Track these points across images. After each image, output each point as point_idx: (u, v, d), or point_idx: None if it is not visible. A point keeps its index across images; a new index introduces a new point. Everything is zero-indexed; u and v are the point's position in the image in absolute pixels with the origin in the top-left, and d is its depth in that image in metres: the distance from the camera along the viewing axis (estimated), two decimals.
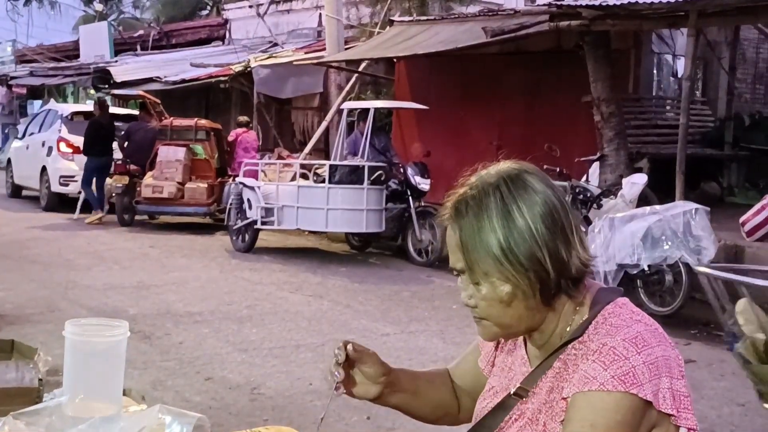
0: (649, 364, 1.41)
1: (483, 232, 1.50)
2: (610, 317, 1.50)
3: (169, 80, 19.11)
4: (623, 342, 1.43)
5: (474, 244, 1.50)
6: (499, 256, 1.49)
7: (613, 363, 1.41)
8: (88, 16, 34.24)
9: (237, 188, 11.85)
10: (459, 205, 1.54)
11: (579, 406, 1.43)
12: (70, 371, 1.56)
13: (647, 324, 1.50)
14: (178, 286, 9.14)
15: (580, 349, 1.49)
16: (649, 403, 1.41)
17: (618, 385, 1.40)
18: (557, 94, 12.32)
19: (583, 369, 1.44)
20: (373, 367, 1.67)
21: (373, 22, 16.45)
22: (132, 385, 5.39)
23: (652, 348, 1.43)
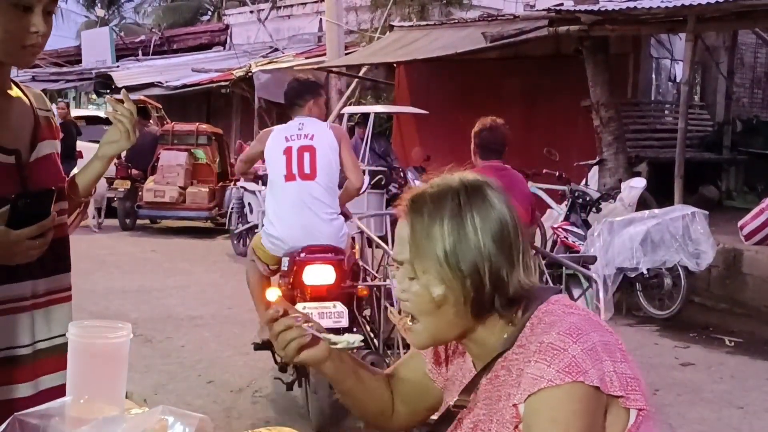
0: (588, 351, 1.43)
1: (433, 231, 1.52)
2: (544, 316, 1.52)
3: (171, 85, 19.16)
4: (558, 335, 1.45)
5: (422, 241, 1.52)
6: (442, 258, 1.51)
7: (554, 358, 1.43)
8: (90, 21, 34.30)
9: (238, 192, 11.89)
10: (417, 200, 1.56)
11: (535, 409, 1.44)
12: (73, 373, 1.60)
13: (580, 314, 1.51)
14: (180, 290, 9.18)
15: (521, 353, 1.51)
16: (597, 389, 1.42)
17: (564, 377, 1.41)
18: (556, 99, 12.36)
19: (528, 372, 1.45)
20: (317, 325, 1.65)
21: (373, 27, 16.51)
22: (134, 389, 5.45)
23: (587, 335, 1.45)
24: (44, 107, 2.15)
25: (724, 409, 5.67)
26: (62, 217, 2.07)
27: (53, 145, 2.11)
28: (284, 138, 5.22)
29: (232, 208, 11.94)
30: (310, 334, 1.62)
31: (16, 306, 1.95)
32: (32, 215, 1.87)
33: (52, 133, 2.14)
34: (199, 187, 13.93)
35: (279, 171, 5.19)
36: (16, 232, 1.85)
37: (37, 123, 2.09)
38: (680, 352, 7.20)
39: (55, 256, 2.01)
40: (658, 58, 13.64)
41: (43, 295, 2.01)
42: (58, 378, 1.96)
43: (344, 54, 15.47)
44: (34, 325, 1.98)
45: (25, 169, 2.00)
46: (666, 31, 11.10)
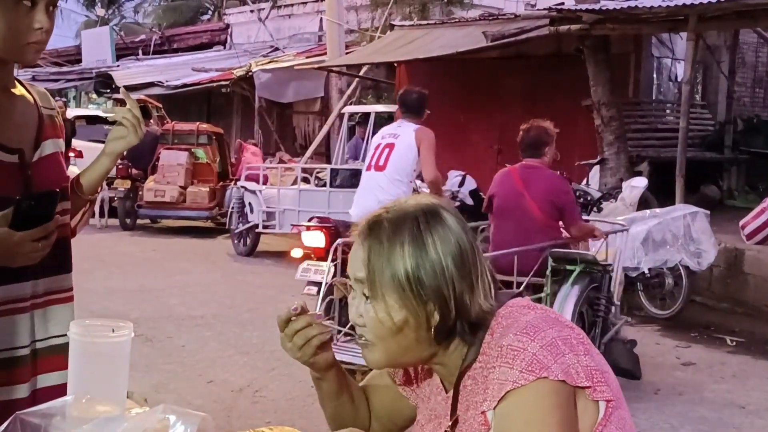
0: (547, 346, 1.41)
1: (393, 256, 1.49)
2: (502, 320, 1.51)
3: (171, 85, 19.17)
4: (515, 336, 1.44)
5: (381, 265, 1.50)
6: (404, 283, 1.48)
7: (515, 359, 1.41)
8: (90, 21, 34.31)
9: (239, 192, 11.90)
10: (374, 225, 1.53)
11: (506, 413, 1.42)
12: (74, 372, 1.59)
13: (536, 312, 1.50)
14: (180, 289, 9.18)
15: (484, 360, 1.49)
16: (563, 383, 1.41)
17: (528, 376, 1.39)
18: (557, 98, 12.34)
19: (493, 378, 1.44)
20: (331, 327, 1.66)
21: (374, 26, 16.51)
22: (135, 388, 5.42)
23: (544, 331, 1.43)
24: (49, 105, 2.14)
25: (726, 409, 5.66)
26: (65, 217, 2.06)
27: (57, 144, 2.10)
28: (381, 135, 6.36)
29: (232, 207, 11.94)
30: (330, 332, 1.62)
31: (15, 307, 1.94)
32: (35, 217, 1.87)
33: (57, 131, 2.13)
34: (200, 186, 13.94)
35: (366, 162, 6.30)
36: (20, 234, 1.85)
37: (41, 122, 2.07)
38: (681, 352, 7.19)
39: (56, 257, 2.00)
40: (660, 57, 13.64)
41: (42, 295, 2.01)
42: (56, 377, 1.96)
43: (345, 53, 15.47)
44: (33, 326, 1.97)
45: (29, 168, 1.99)
46: (667, 30, 11.10)
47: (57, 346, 1.96)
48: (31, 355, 1.97)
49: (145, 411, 1.54)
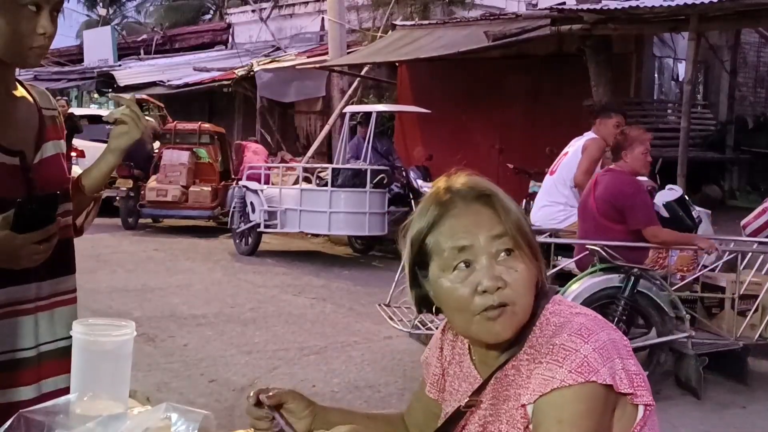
0: (599, 350, 1.43)
1: (512, 205, 1.52)
2: (551, 317, 1.51)
3: (173, 84, 19.19)
4: (569, 336, 1.44)
5: (511, 213, 1.50)
6: (527, 230, 1.51)
7: (566, 359, 1.42)
8: (92, 20, 34.34)
9: (240, 192, 11.91)
10: (474, 187, 1.53)
11: (543, 409, 1.43)
12: (77, 370, 1.60)
13: (587, 314, 1.51)
14: (182, 288, 9.19)
15: (531, 353, 1.49)
16: (609, 387, 1.42)
17: (577, 377, 1.40)
18: (559, 98, 12.36)
19: (539, 373, 1.45)
20: (294, 403, 1.67)
21: (375, 26, 16.52)
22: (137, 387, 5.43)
23: (597, 334, 1.45)
24: (49, 106, 2.14)
25: (727, 409, 5.66)
26: (66, 218, 2.06)
27: (58, 146, 2.10)
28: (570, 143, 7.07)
29: (234, 207, 11.95)
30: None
31: (20, 308, 1.94)
32: (37, 219, 1.88)
33: (58, 133, 2.13)
34: (202, 186, 13.95)
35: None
36: (22, 236, 1.85)
37: (42, 123, 2.08)
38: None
39: (59, 259, 2.01)
40: (661, 57, 13.64)
41: (46, 297, 2.01)
42: (61, 381, 1.95)
43: (346, 53, 15.47)
44: (37, 328, 1.98)
45: (30, 170, 1.99)
46: (668, 30, 11.09)
47: (64, 348, 1.95)
48: (37, 358, 1.97)
49: (148, 409, 1.55)
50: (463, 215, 1.49)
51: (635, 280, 5.55)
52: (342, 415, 1.75)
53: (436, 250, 1.50)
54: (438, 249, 1.50)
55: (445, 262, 1.49)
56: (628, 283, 5.56)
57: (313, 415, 1.68)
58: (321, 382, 5.97)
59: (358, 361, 6.59)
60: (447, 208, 1.50)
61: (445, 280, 1.49)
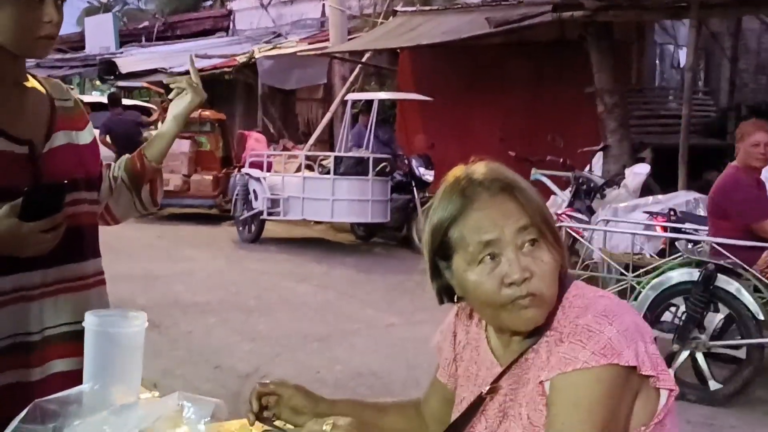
0: (623, 332, 1.43)
1: (534, 195, 1.52)
2: (574, 300, 1.51)
3: (174, 71, 19.13)
4: (594, 317, 1.45)
5: (534, 203, 1.51)
6: (550, 218, 1.52)
7: (590, 340, 1.42)
8: (92, 7, 34.27)
9: (243, 179, 11.94)
10: (498, 178, 1.52)
11: (560, 388, 1.43)
12: (90, 361, 1.64)
13: (610, 297, 1.52)
14: (186, 276, 9.24)
15: (553, 335, 1.49)
16: (632, 369, 1.42)
17: (600, 359, 1.40)
18: (561, 85, 12.35)
19: (561, 352, 1.44)
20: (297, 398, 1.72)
21: (377, 12, 16.49)
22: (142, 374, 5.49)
23: (621, 317, 1.45)
24: (64, 97, 2.16)
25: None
26: (77, 207, 2.09)
27: (71, 136, 2.11)
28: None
29: (237, 194, 11.99)
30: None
31: (26, 294, 1.97)
32: (44, 208, 1.90)
33: (74, 122, 2.14)
34: (203, 174, 13.97)
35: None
36: (29, 225, 1.88)
37: (54, 113, 2.10)
38: None
39: (67, 247, 2.03)
40: (663, 44, 13.64)
41: (51, 284, 2.04)
42: (68, 363, 1.99)
43: (347, 39, 15.45)
44: (42, 313, 2.01)
45: (39, 159, 2.01)
46: (670, 17, 11.09)
47: (68, 333, 2.00)
48: (42, 342, 2.01)
49: (160, 398, 1.59)
50: (488, 208, 1.49)
51: (711, 276, 5.35)
52: (350, 407, 1.76)
53: (461, 244, 1.50)
54: (463, 242, 1.49)
55: (471, 256, 1.49)
56: (702, 278, 5.38)
57: (316, 410, 1.70)
58: (324, 369, 6.02)
59: (361, 348, 6.64)
60: (471, 200, 1.50)
61: (472, 274, 1.50)
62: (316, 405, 1.73)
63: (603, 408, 1.41)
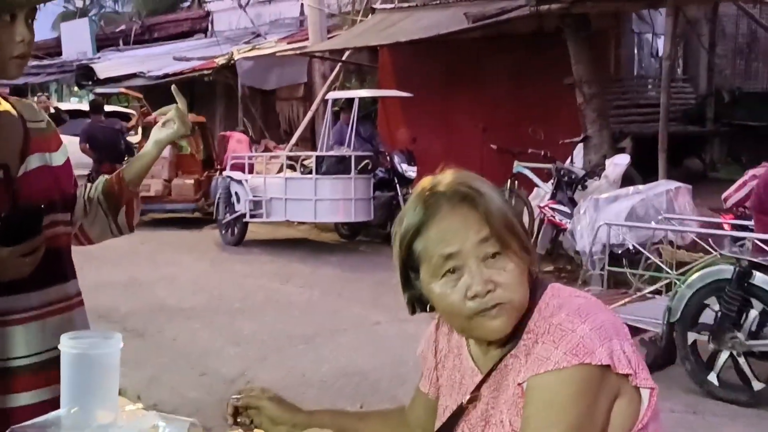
0: (596, 329, 1.41)
1: (497, 202, 1.49)
2: (551, 300, 1.50)
3: (153, 75, 19.08)
4: (567, 316, 1.44)
5: (496, 213, 1.48)
6: (515, 225, 1.49)
7: (562, 339, 1.41)
8: (69, 12, 34.08)
9: (225, 182, 11.91)
10: (459, 188, 1.50)
11: (533, 388, 1.43)
12: (66, 383, 1.63)
13: (586, 297, 1.52)
14: (169, 281, 9.21)
15: (529, 338, 1.48)
16: (606, 368, 1.41)
17: (571, 359, 1.39)
18: (540, 77, 12.38)
19: (535, 352, 1.44)
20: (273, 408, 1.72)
21: (355, 9, 16.47)
22: (127, 383, 5.48)
23: (595, 314, 1.44)
24: (36, 118, 2.14)
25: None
26: (55, 229, 2.08)
27: (45, 158, 2.10)
28: None
29: (219, 197, 11.96)
30: None
31: (10, 318, 1.96)
32: (22, 232, 1.90)
33: (47, 144, 2.12)
34: (185, 179, 13.90)
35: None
36: (8, 249, 1.88)
37: (27, 136, 2.08)
38: None
39: (48, 269, 2.03)
40: (640, 33, 13.68)
41: (37, 307, 2.03)
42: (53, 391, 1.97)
43: (327, 38, 15.42)
44: (29, 337, 2.00)
45: (14, 183, 2.00)
46: (646, 6, 11.13)
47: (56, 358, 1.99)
48: (30, 367, 2.00)
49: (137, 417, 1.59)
50: (448, 219, 1.47)
51: (746, 273, 5.24)
52: (329, 417, 1.76)
53: (425, 256, 1.49)
54: (426, 255, 1.49)
55: (434, 269, 1.48)
56: (737, 275, 5.26)
57: (293, 421, 1.71)
58: (310, 371, 6.02)
59: (347, 347, 6.64)
60: (432, 211, 1.48)
61: (436, 286, 1.49)
62: (294, 415, 1.73)
63: (575, 408, 1.40)
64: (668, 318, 5.56)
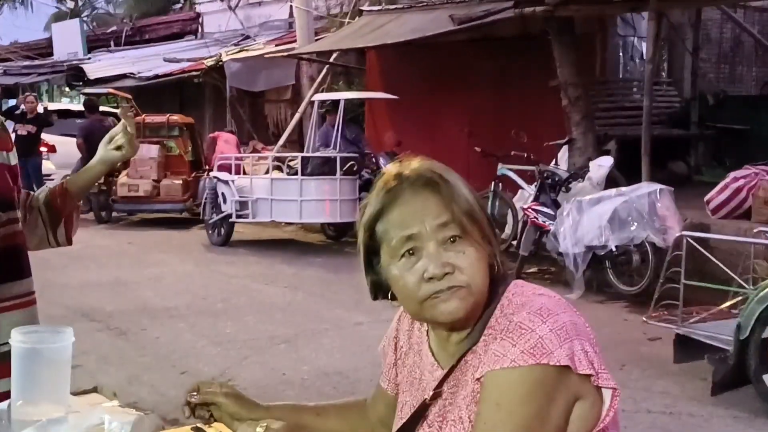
0: (557, 330, 1.40)
1: (460, 190, 1.50)
2: (513, 297, 1.50)
3: (143, 76, 19.11)
4: (528, 315, 1.43)
5: (458, 200, 1.48)
6: (478, 213, 1.50)
7: (521, 338, 1.40)
8: (61, 12, 34.01)
9: (211, 183, 11.95)
10: (423, 174, 1.51)
11: (488, 387, 1.42)
12: (17, 377, 1.67)
13: (550, 296, 1.49)
14: (155, 281, 9.24)
15: (490, 333, 1.47)
16: (565, 369, 1.39)
17: (528, 358, 1.38)
18: (526, 80, 12.43)
19: (492, 348, 1.43)
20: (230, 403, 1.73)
21: (343, 12, 16.51)
22: (108, 382, 5.53)
23: (557, 315, 1.42)
24: None
25: (688, 382, 5.80)
26: (10, 227, 2.12)
27: (4, 156, 2.14)
28: None
29: (206, 198, 12.00)
30: None
31: None
32: None
33: (4, 143, 2.17)
34: (173, 179, 13.94)
35: None
36: None
37: None
38: (648, 327, 7.30)
39: (4, 265, 2.07)
40: (625, 36, 13.73)
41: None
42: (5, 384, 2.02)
43: (314, 40, 15.46)
44: None
45: None
46: (629, 10, 11.18)
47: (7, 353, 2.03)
48: None
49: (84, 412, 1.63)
50: (410, 203, 1.48)
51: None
52: (287, 412, 1.77)
53: (385, 238, 1.50)
54: (386, 237, 1.49)
55: (393, 250, 1.49)
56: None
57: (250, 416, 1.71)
58: (291, 370, 6.06)
59: (328, 348, 6.68)
60: (395, 195, 1.49)
61: (394, 268, 1.49)
62: (251, 411, 1.74)
63: (526, 408, 1.39)
64: (738, 335, 5.26)
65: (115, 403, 1.98)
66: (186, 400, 1.71)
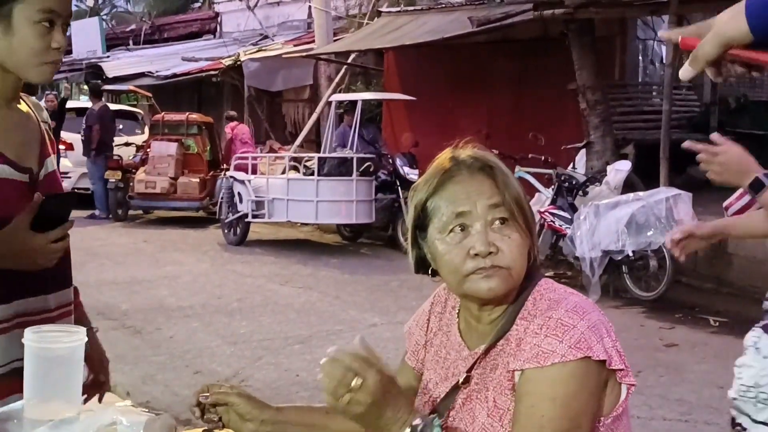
0: (592, 327, 1.49)
1: (512, 180, 1.60)
2: (546, 293, 1.57)
3: (161, 75, 19.18)
4: (566, 312, 1.50)
5: (510, 187, 1.57)
6: (525, 204, 1.58)
7: (565, 334, 1.48)
8: (80, 10, 34.18)
9: (228, 182, 11.96)
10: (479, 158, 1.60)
11: (537, 381, 1.48)
12: (30, 376, 1.66)
13: (579, 295, 1.58)
14: (170, 280, 9.25)
15: (522, 324, 1.55)
16: (602, 363, 1.48)
17: (576, 352, 1.46)
18: (544, 82, 12.38)
19: (535, 343, 1.49)
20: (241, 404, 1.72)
21: (362, 13, 16.52)
22: (122, 380, 5.52)
23: (589, 313, 1.51)
24: (43, 118, 2.17)
25: (705, 389, 5.75)
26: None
27: (54, 161, 2.14)
28: None
29: (222, 197, 12.02)
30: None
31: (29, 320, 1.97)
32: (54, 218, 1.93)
33: (53, 147, 2.16)
34: (190, 177, 13.98)
35: None
36: (41, 236, 1.90)
37: (43, 138, 2.11)
38: (665, 333, 7.28)
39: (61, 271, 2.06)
40: (645, 39, 13.66)
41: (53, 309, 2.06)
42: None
43: (333, 40, 15.47)
44: None
45: (37, 186, 2.02)
46: (649, 13, 11.11)
47: None
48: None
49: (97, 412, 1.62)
50: (465, 182, 1.57)
51: None
52: (297, 412, 1.79)
53: (436, 213, 1.57)
54: (437, 212, 1.57)
55: (443, 225, 1.56)
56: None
57: (262, 417, 1.73)
58: (305, 371, 6.03)
59: None
60: (451, 175, 1.58)
61: (441, 242, 1.57)
62: (262, 411, 1.75)
63: (577, 402, 1.47)
64: None
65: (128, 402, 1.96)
66: (197, 401, 1.71)
